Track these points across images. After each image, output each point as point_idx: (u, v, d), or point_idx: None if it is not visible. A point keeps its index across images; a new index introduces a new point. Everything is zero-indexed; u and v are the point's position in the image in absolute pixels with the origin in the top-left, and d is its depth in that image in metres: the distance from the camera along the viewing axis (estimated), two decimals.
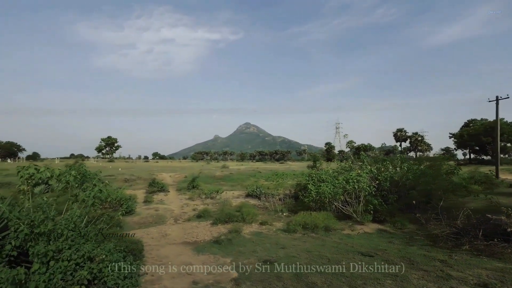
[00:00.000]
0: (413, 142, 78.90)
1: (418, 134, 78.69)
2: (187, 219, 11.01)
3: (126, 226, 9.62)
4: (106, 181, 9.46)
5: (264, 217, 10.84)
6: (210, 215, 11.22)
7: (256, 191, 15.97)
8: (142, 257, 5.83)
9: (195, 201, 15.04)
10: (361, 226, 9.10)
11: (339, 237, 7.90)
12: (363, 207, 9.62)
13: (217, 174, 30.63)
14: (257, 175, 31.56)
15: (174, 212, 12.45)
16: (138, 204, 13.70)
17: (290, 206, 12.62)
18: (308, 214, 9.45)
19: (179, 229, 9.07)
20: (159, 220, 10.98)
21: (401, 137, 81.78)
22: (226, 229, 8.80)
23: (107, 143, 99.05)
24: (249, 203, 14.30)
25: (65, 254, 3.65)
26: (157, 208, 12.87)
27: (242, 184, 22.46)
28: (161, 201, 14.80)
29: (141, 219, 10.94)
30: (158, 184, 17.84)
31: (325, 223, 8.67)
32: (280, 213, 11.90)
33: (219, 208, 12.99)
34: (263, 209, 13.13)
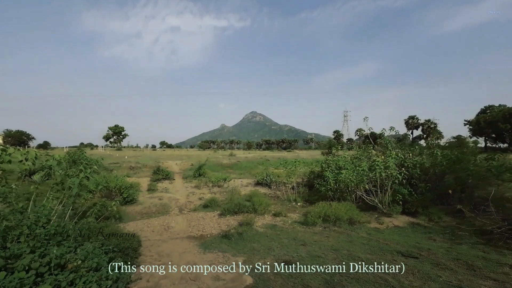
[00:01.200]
0: (425, 129, 76.25)
1: (430, 121, 75.90)
2: (193, 209, 10.12)
3: (127, 216, 8.77)
4: (95, 167, 8.54)
5: (277, 207, 9.85)
6: (218, 204, 10.30)
7: (266, 179, 14.97)
8: (137, 256, 4.89)
9: (201, 189, 14.15)
10: (389, 218, 8.01)
11: (367, 232, 6.83)
12: (390, 197, 8.49)
13: (225, 162, 29.74)
14: (265, 163, 30.58)
15: (179, 201, 11.58)
16: (141, 193, 12.90)
17: (304, 195, 11.59)
18: (327, 205, 8.39)
19: (184, 220, 8.16)
20: (162, 210, 10.12)
21: (413, 124, 79.18)
22: (236, 221, 7.84)
23: (115, 132, 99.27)
24: (259, 192, 13.34)
25: (22, 261, 2.67)
26: (161, 197, 12.02)
27: (251, 172, 21.51)
28: (166, 190, 13.96)
29: (143, 209, 10.10)
30: (163, 171, 17.02)
31: (348, 215, 7.61)
32: (293, 203, 10.90)
33: (227, 197, 12.07)
34: (275, 199, 12.16)
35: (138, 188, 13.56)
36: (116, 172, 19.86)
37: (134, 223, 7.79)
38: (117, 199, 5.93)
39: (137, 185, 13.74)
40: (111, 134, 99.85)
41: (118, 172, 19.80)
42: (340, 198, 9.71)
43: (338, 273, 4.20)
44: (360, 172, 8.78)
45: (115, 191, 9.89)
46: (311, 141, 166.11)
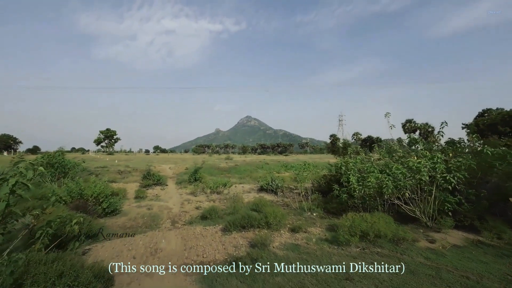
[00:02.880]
0: (423, 133, 75.84)
1: (428, 124, 75.55)
2: (189, 221, 8.29)
3: (104, 232, 6.91)
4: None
5: (292, 219, 8.12)
6: (219, 215, 8.50)
7: (272, 185, 13.21)
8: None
9: (198, 196, 12.30)
10: (439, 235, 6.33)
11: (423, 255, 5.13)
12: (435, 206, 6.84)
13: (222, 165, 27.91)
14: (265, 166, 28.89)
15: (172, 211, 9.73)
16: (127, 201, 11.01)
17: (319, 204, 9.87)
18: (358, 217, 6.69)
19: (178, 238, 6.33)
20: (151, 222, 8.27)
21: (410, 128, 78.79)
22: (245, 239, 6.07)
23: (106, 136, 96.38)
24: (265, 199, 11.58)
25: None
26: (150, 206, 10.15)
27: (252, 176, 19.73)
28: (157, 197, 12.07)
29: (127, 221, 8.24)
30: (154, 176, 15.09)
31: (390, 230, 5.91)
32: (309, 213, 9.17)
33: (229, 205, 10.27)
34: (284, 207, 10.41)
35: (124, 195, 11.66)
36: (102, 177, 17.86)
37: (111, 243, 5.93)
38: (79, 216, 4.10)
39: (123, 192, 11.84)
40: (103, 138, 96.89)
41: (104, 176, 17.79)
42: (367, 207, 8.04)
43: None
44: (399, 176, 7.11)
45: (92, 200, 7.99)
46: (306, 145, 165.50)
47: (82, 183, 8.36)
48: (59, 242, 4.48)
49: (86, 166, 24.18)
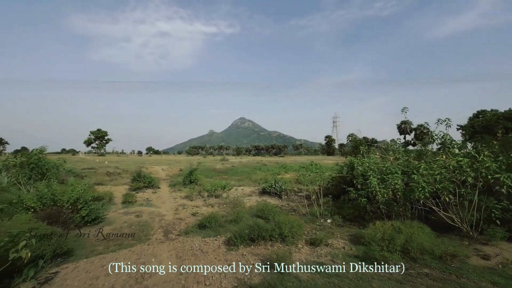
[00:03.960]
0: (418, 134, 75.97)
1: (423, 126, 75.62)
2: (184, 231, 7.04)
3: (81, 248, 5.62)
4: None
5: (303, 227, 6.96)
6: (220, 224, 7.28)
7: (276, 187, 12.04)
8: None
9: (194, 200, 11.03)
10: (490, 248, 5.25)
11: (485, 277, 4.04)
12: (478, 213, 5.78)
13: (218, 167, 26.61)
14: (262, 168, 27.72)
15: (165, 218, 8.45)
16: (114, 207, 9.68)
17: (332, 209, 8.74)
18: (388, 226, 5.59)
19: (171, 255, 5.09)
20: (140, 232, 6.99)
21: (406, 129, 78.91)
22: (256, 256, 4.88)
23: (97, 136, 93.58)
24: (267, 203, 10.41)
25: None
26: (139, 213, 8.85)
27: (251, 178, 18.53)
28: (148, 202, 10.75)
29: (111, 232, 6.95)
30: (145, 178, 13.74)
31: (435, 244, 4.81)
32: (322, 220, 8.05)
33: (230, 211, 9.06)
34: (290, 212, 9.27)
35: (110, 199, 10.33)
36: (88, 179, 16.39)
37: (86, 263, 4.65)
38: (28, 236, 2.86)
39: (109, 196, 10.49)
40: (93, 139, 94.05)
41: (91, 179, 16.34)
42: (392, 213, 6.97)
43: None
44: (436, 176, 6.02)
45: (68, 207, 6.67)
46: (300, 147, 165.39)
47: (57, 186, 7.02)
48: (8, 269, 3.22)
49: (73, 167, 22.59)
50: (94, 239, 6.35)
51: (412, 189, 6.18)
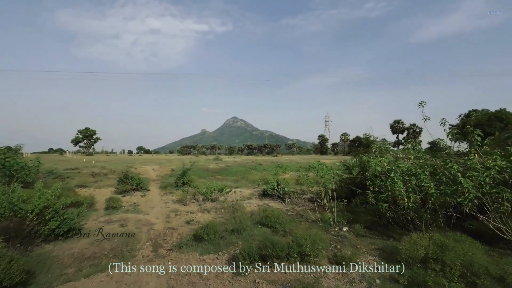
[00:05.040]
0: (411, 134, 76.54)
1: (416, 125, 76.32)
2: (178, 245, 5.88)
3: (44, 271, 4.40)
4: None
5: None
6: (220, 235, 6.14)
7: (278, 190, 10.95)
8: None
9: (188, 205, 9.83)
10: None
11: None
12: None
13: (211, 166, 25.35)
14: (258, 167, 26.63)
15: (154, 227, 7.25)
16: (94, 213, 8.40)
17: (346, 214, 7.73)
18: (425, 238, 4.59)
19: (162, 286, 3.93)
20: (123, 248, 5.79)
21: (399, 129, 79.43)
22: (272, 284, 3.79)
23: (85, 135, 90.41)
24: (270, 207, 9.34)
25: None
26: (125, 221, 7.62)
27: (248, 179, 17.40)
28: (135, 207, 9.48)
29: (88, 247, 5.72)
30: (132, 179, 12.42)
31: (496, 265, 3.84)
32: (336, 228, 7.03)
33: (229, 217, 7.93)
34: (297, 217, 8.24)
35: (91, 205, 9.03)
36: (70, 180, 14.92)
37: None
38: None
39: (90, 200, 9.18)
40: (81, 138, 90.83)
41: (74, 180, 14.89)
42: (422, 222, 6.01)
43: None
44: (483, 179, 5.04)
45: (33, 218, 5.39)
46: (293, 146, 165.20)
47: (18, 192, 5.71)
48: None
49: (55, 167, 20.91)
50: (66, 258, 5.13)
51: (446, 192, 5.22)
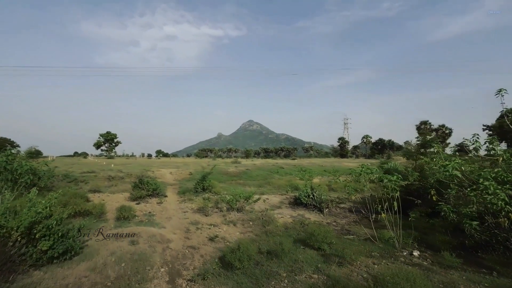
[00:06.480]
0: (439, 135, 71.77)
1: (445, 126, 71.57)
2: (201, 274, 4.45)
3: None
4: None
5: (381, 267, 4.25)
6: (256, 259, 4.65)
7: (314, 197, 9.31)
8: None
9: (210, 216, 8.43)
10: None
11: None
12: None
13: (230, 170, 24.05)
14: (280, 171, 25.01)
15: (171, 246, 5.88)
16: (104, 224, 7.19)
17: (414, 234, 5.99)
18: None
19: None
20: (132, 276, 4.43)
21: (426, 130, 74.85)
22: None
23: (106, 139, 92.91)
24: (307, 219, 7.74)
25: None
26: (136, 237, 6.31)
27: (271, 183, 15.84)
28: (150, 217, 8.21)
29: (87, 274, 4.41)
30: (148, 184, 11.24)
31: None
32: (405, 253, 5.33)
33: (259, 232, 6.43)
34: (341, 233, 6.59)
35: (100, 215, 7.86)
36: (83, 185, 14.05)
37: None
38: None
39: (99, 210, 8.00)
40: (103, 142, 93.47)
41: (88, 184, 14.01)
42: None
43: None
44: None
45: (18, 238, 4.16)
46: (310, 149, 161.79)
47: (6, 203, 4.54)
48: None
49: (71, 171, 20.42)
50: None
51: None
